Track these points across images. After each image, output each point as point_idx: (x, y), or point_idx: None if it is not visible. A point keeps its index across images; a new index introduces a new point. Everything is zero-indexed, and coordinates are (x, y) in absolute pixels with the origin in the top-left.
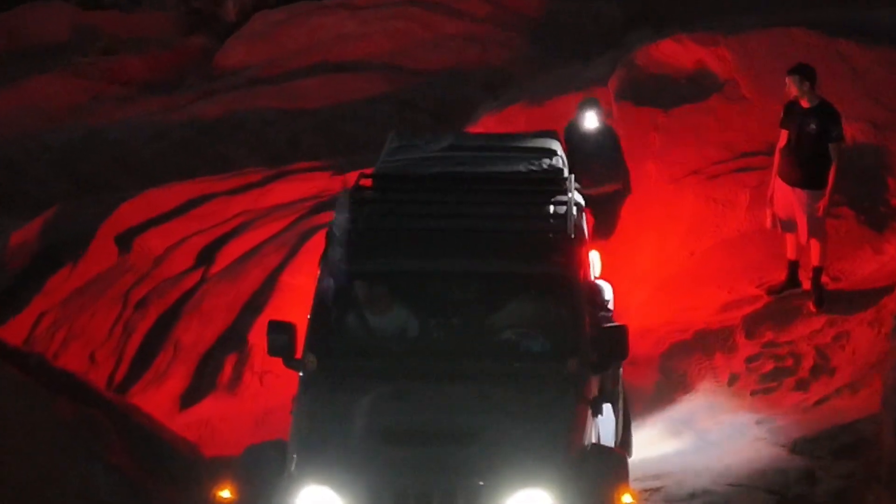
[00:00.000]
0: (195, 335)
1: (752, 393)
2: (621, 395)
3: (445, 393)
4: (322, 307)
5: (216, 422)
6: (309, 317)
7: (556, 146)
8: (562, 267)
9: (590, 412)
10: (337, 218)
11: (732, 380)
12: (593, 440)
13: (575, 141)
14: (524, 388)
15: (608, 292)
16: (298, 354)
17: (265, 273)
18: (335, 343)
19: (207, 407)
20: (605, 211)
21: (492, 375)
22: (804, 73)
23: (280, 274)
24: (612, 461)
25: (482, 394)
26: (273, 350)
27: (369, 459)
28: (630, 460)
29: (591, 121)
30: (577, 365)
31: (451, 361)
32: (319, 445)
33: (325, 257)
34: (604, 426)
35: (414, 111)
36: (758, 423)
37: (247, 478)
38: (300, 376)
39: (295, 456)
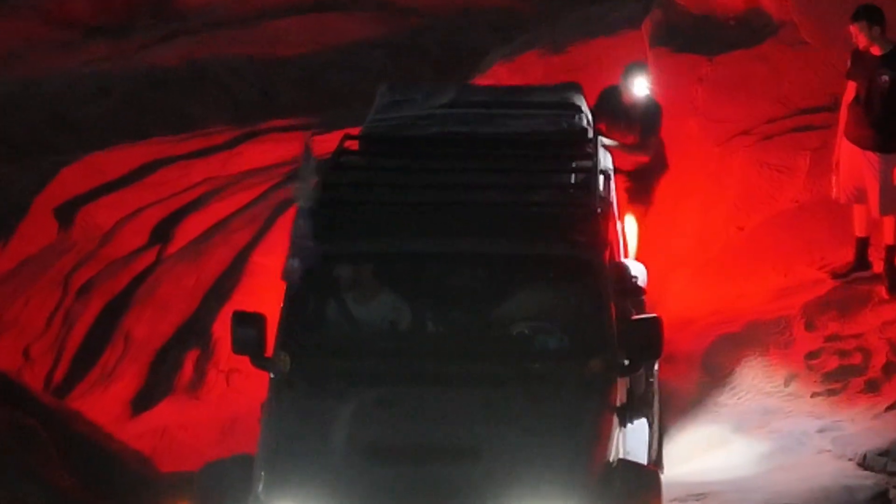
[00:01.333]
0: (149, 327)
1: (813, 395)
2: (656, 402)
3: (443, 400)
4: (297, 296)
5: (174, 430)
6: (281, 307)
7: (580, 101)
8: (584, 247)
9: (616, 421)
10: (301, 185)
11: (789, 380)
12: (620, 455)
13: (614, 109)
14: (538, 394)
15: (640, 276)
16: (269, 352)
17: (233, 252)
18: (312, 339)
19: (164, 413)
20: (639, 180)
21: (499, 378)
22: (870, 16)
23: (251, 253)
24: (643, 480)
25: (487, 401)
26: (238, 346)
27: (351, 480)
28: (664, 476)
29: (640, 87)
30: (602, 365)
31: (450, 362)
32: (291, 462)
33: (294, 237)
34: (634, 438)
35: (411, 59)
36: (820, 431)
37: (204, 500)
38: (270, 378)
39: (262, 474)
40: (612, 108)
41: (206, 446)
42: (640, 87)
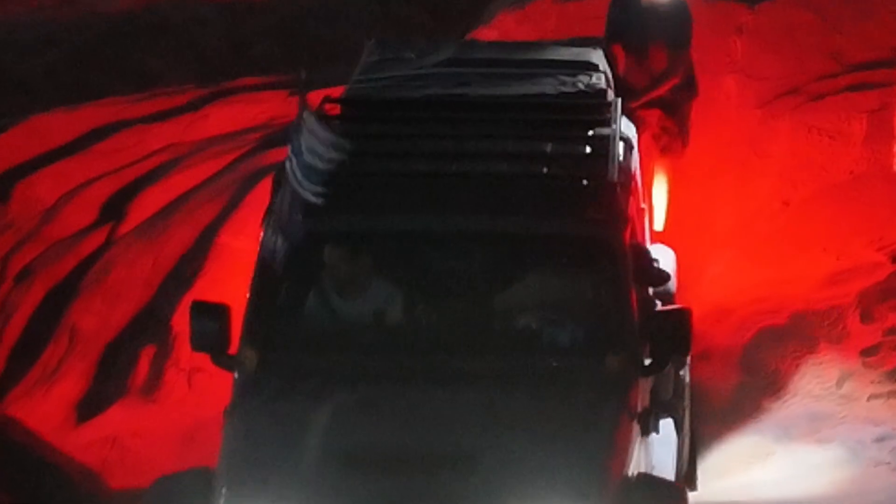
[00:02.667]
0: (99, 319)
1: (871, 398)
2: (687, 407)
3: (435, 401)
4: (266, 283)
5: (127, 439)
6: (248, 296)
7: (600, 59)
8: (600, 225)
9: (637, 428)
10: (295, 150)
11: (843, 380)
12: (642, 468)
13: (631, 14)
14: (545, 396)
15: (668, 262)
16: (234, 349)
17: (196, 231)
18: (283, 332)
19: (115, 418)
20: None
21: (500, 378)
22: None
23: (217, 233)
24: (667, 498)
25: (486, 403)
26: (198, 342)
27: (324, 494)
28: (696, 494)
29: None
30: (620, 363)
31: (443, 358)
32: (257, 475)
33: (270, 211)
34: (660, 449)
35: (404, 6)
36: (878, 440)
37: None
38: (235, 379)
39: (224, 489)
40: (627, 18)
41: (164, 458)
42: None
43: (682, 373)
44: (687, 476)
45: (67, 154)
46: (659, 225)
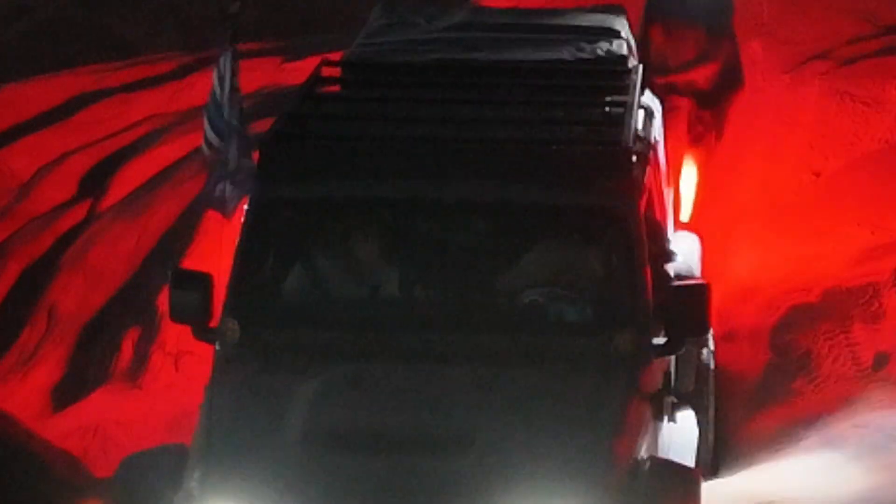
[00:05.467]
0: (78, 299)
1: None
2: (710, 390)
3: (428, 379)
4: (249, 253)
5: (109, 427)
6: (231, 267)
7: (622, 25)
8: (613, 194)
9: (649, 411)
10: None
11: (879, 362)
12: (654, 452)
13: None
14: (549, 375)
15: (693, 247)
16: (216, 321)
17: (181, 206)
18: (266, 304)
19: (96, 405)
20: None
21: (501, 355)
22: None
23: (204, 208)
24: (677, 482)
25: (483, 381)
26: (177, 312)
27: (305, 474)
28: (724, 481)
29: None
30: (631, 342)
31: (439, 334)
32: (234, 452)
33: (256, 178)
34: (679, 434)
35: None
36: None
37: (125, 499)
38: (216, 352)
39: (197, 468)
40: (668, 3)
41: (149, 446)
42: None
43: (704, 356)
44: (707, 462)
45: (44, 125)
46: (685, 215)
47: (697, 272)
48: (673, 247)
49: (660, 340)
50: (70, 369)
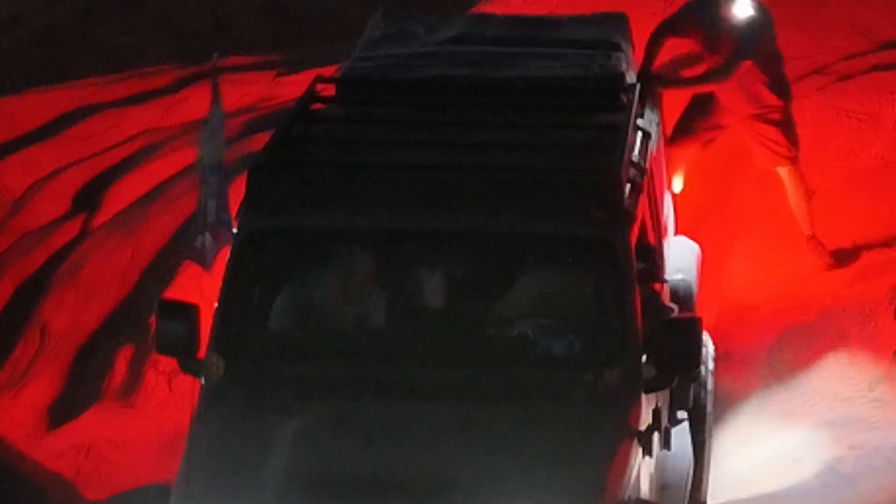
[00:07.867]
0: (72, 317)
1: None
2: (710, 413)
3: (414, 417)
4: (235, 285)
5: (103, 447)
6: (218, 299)
7: (621, 38)
8: (602, 224)
9: (638, 449)
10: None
11: (876, 382)
12: (644, 489)
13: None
14: (536, 412)
15: (692, 255)
16: (203, 351)
17: (176, 223)
18: (253, 338)
19: (90, 424)
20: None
21: (488, 391)
22: None
23: None
24: None
25: (470, 419)
26: (164, 344)
27: None
28: None
29: None
30: (620, 377)
31: (427, 369)
32: (214, 494)
33: (244, 204)
34: (671, 462)
35: None
36: None
37: None
38: (202, 386)
39: None
40: (710, 16)
41: (142, 467)
42: None
43: (702, 374)
44: (693, 487)
45: (37, 140)
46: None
47: (695, 286)
48: (671, 255)
49: (650, 374)
50: (63, 388)
